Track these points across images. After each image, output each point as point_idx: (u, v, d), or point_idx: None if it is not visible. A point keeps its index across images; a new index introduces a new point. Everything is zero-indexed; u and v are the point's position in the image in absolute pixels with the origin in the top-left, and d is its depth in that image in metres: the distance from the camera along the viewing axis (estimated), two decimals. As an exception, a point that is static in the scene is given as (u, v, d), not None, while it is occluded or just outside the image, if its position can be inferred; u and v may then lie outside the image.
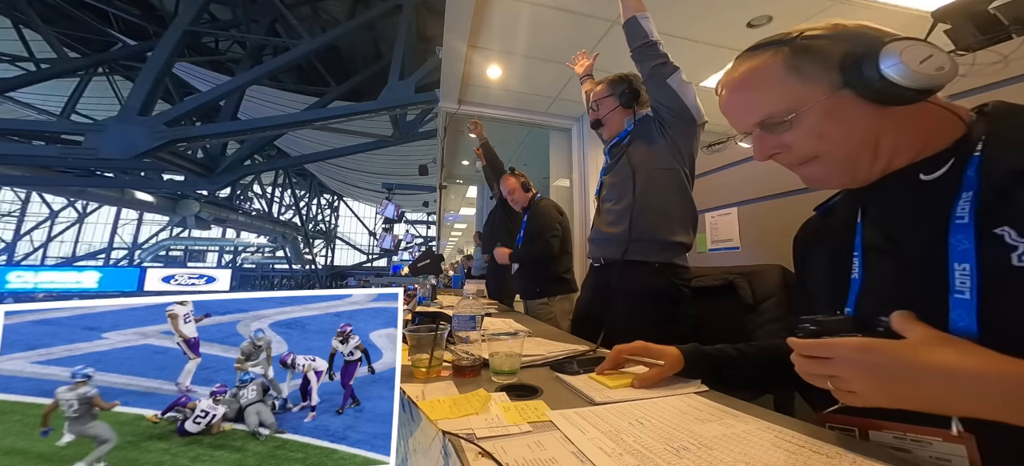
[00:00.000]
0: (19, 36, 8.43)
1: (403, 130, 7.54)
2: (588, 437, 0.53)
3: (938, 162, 0.52)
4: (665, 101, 1.37)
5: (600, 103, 1.55)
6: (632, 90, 1.47)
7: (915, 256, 0.53)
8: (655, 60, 1.36)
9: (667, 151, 1.38)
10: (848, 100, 0.54)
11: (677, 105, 1.35)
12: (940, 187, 0.52)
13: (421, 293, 2.44)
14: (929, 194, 0.53)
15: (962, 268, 0.46)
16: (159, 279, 14.47)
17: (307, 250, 21.90)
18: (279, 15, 7.00)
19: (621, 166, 1.45)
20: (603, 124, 1.56)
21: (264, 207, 18.73)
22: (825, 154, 0.57)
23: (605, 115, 1.54)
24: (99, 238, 21.32)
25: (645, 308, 1.30)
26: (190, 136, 6.63)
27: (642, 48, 1.38)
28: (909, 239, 0.55)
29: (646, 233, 1.35)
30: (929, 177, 0.53)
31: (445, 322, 0.95)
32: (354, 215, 26.58)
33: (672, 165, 1.38)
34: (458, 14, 2.47)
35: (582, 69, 1.82)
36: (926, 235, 0.52)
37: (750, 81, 0.60)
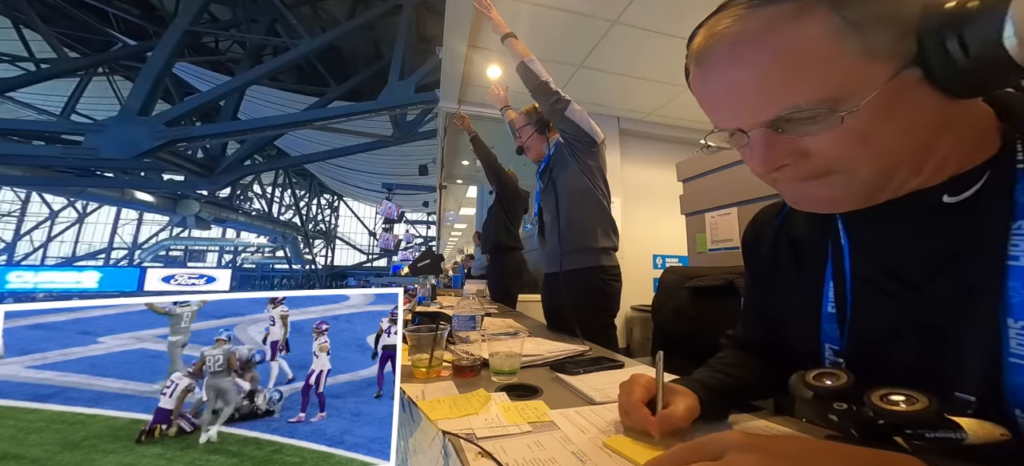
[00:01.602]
0: (19, 36, 8.44)
1: (403, 130, 7.54)
2: (588, 436, 0.53)
3: (966, 180, 0.39)
4: (568, 130, 1.60)
5: (520, 131, 1.83)
6: (543, 119, 1.74)
7: (942, 303, 0.41)
8: (551, 98, 1.57)
9: (580, 172, 1.63)
10: (913, 84, 0.35)
11: (577, 131, 1.58)
12: (972, 212, 0.39)
13: (421, 293, 2.44)
14: (957, 222, 0.40)
15: (1020, 326, 0.35)
16: (159, 279, 14.48)
17: (307, 250, 21.92)
18: (279, 15, 7.00)
19: (548, 190, 1.71)
20: (526, 149, 1.84)
21: (264, 207, 18.75)
22: (853, 167, 0.39)
23: (526, 141, 1.82)
24: (99, 238, 21.34)
25: (583, 304, 1.53)
26: (190, 136, 6.63)
27: (537, 89, 1.60)
28: (928, 281, 0.42)
29: (575, 245, 1.60)
30: (954, 199, 0.40)
31: (445, 322, 0.95)
32: (354, 215, 26.59)
33: (586, 184, 1.62)
34: (458, 14, 2.47)
35: (501, 103, 2.10)
36: (959, 278, 0.40)
37: (769, 45, 0.37)
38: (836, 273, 0.50)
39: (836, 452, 0.33)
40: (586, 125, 1.58)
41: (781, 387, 0.48)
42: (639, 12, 2.41)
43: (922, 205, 0.41)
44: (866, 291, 0.47)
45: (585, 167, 1.63)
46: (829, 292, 0.50)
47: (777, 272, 0.59)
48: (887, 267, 0.45)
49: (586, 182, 1.62)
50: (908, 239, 0.44)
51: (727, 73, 0.40)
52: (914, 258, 0.43)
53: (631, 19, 2.47)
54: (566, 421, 0.58)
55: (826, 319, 0.50)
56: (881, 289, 0.46)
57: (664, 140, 3.88)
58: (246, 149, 8.88)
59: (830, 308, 0.50)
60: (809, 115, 0.37)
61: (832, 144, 0.38)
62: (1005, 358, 0.36)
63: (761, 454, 0.33)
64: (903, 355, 0.44)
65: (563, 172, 1.66)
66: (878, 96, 0.35)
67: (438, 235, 9.84)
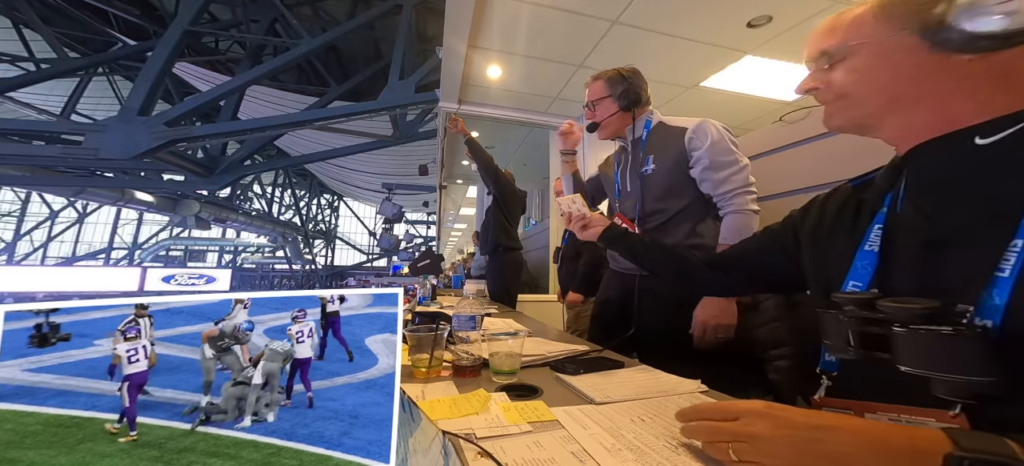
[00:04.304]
0: (19, 36, 8.43)
1: (403, 130, 7.53)
2: (589, 433, 0.53)
3: (999, 125, 0.45)
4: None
5: (597, 105, 1.47)
6: (632, 92, 1.43)
7: (954, 232, 0.47)
8: None
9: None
10: (906, 43, 0.49)
11: None
12: (1000, 153, 0.45)
13: (421, 293, 2.44)
14: (984, 161, 0.46)
15: (1015, 245, 0.41)
16: (159, 279, 14.49)
17: (307, 250, 21.92)
18: (279, 15, 6.98)
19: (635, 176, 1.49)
20: (601, 126, 1.48)
21: (264, 207, 18.74)
22: (851, 96, 0.55)
23: (604, 119, 1.46)
24: (99, 238, 21.35)
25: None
26: (190, 136, 6.62)
27: None
28: (945, 214, 0.48)
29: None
30: (986, 140, 0.46)
31: (445, 322, 0.95)
32: (354, 215, 26.59)
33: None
34: (458, 14, 2.46)
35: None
36: (975, 210, 0.45)
37: (826, 22, 0.58)
38: (888, 217, 0.57)
39: (845, 424, 0.37)
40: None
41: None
42: (639, 12, 2.41)
43: (958, 145, 0.48)
44: (897, 230, 0.54)
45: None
46: (872, 233, 0.57)
47: (836, 221, 0.65)
48: (918, 202, 0.53)
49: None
50: (937, 173, 0.51)
51: (821, 24, 0.60)
52: (941, 190, 0.50)
53: (631, 19, 2.47)
54: (568, 417, 0.58)
55: (861, 256, 0.56)
56: (907, 224, 0.53)
57: (664, 140, 3.88)
58: (246, 149, 8.87)
59: (868, 246, 0.56)
60: (830, 53, 0.56)
61: (841, 76, 0.56)
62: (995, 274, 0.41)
63: (772, 420, 0.39)
64: (906, 274, 0.50)
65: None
66: (874, 46, 0.52)
67: (438, 235, 9.83)
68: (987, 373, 0.38)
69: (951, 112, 0.48)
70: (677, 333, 1.24)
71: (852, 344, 0.49)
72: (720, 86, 3.23)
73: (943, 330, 0.40)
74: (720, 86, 3.23)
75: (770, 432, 0.39)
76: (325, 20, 8.59)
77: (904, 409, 0.46)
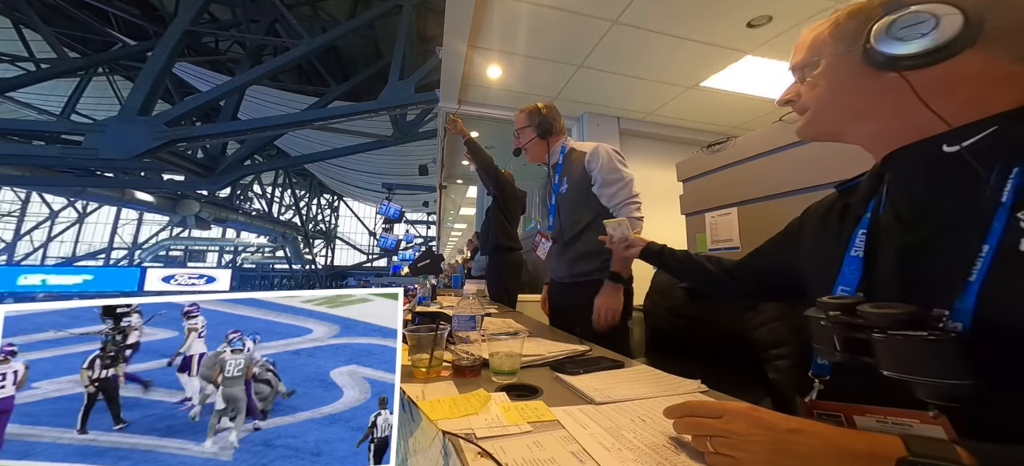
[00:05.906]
0: (19, 36, 8.43)
1: (403, 130, 7.53)
2: (589, 432, 0.53)
3: (965, 133, 0.47)
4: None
5: (521, 132, 1.85)
6: (546, 123, 1.78)
7: (929, 237, 0.49)
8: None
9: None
10: (855, 60, 0.52)
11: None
12: (966, 160, 0.46)
13: (421, 293, 2.44)
14: (951, 168, 0.48)
15: (983, 250, 0.42)
16: (159, 279, 14.47)
17: (307, 250, 21.91)
18: (279, 15, 6.98)
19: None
20: (525, 151, 1.86)
21: (264, 207, 18.73)
22: (811, 107, 0.60)
23: (526, 143, 1.84)
24: (99, 238, 21.33)
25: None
26: (190, 136, 6.62)
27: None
28: (920, 219, 0.50)
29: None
30: (952, 148, 0.47)
31: (445, 322, 0.95)
32: (354, 215, 26.58)
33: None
34: (458, 14, 2.46)
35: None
36: (947, 216, 0.48)
37: (806, 37, 0.62)
38: (871, 223, 0.59)
39: (820, 430, 0.40)
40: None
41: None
42: (639, 12, 2.41)
43: (928, 152, 0.50)
44: (878, 235, 0.56)
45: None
46: (857, 239, 0.58)
47: (824, 227, 0.68)
48: (896, 209, 0.55)
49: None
50: (910, 180, 0.53)
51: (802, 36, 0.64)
52: (915, 197, 0.52)
53: (631, 19, 2.47)
54: (569, 417, 0.58)
55: (848, 262, 0.58)
56: (887, 229, 0.55)
57: (664, 140, 3.88)
58: (246, 149, 8.87)
59: (854, 252, 0.58)
60: (801, 66, 0.61)
61: (806, 90, 0.61)
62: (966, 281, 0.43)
63: (751, 420, 0.43)
64: (888, 279, 0.51)
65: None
66: (830, 62, 0.57)
67: (438, 235, 9.83)
68: (963, 376, 0.40)
69: (915, 121, 0.50)
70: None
71: (838, 348, 0.50)
72: (720, 86, 3.22)
73: (919, 335, 0.42)
74: (720, 86, 3.22)
75: (747, 430, 0.42)
76: (325, 20, 8.59)
77: (892, 412, 0.47)
